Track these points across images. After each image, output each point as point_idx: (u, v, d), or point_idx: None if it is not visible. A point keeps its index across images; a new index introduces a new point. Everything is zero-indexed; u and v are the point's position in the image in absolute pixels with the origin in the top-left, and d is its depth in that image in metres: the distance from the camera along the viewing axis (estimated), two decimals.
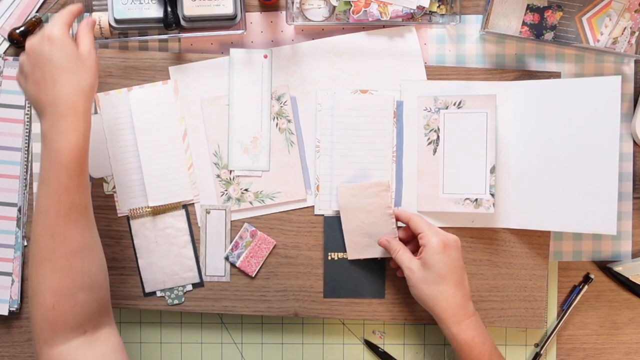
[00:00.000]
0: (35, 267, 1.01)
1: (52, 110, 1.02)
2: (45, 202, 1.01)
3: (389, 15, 1.22)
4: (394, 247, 1.17)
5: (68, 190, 1.01)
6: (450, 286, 1.11)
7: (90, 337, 1.03)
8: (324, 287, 1.25)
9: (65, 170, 1.01)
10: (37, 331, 1.01)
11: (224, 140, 1.24)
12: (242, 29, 1.23)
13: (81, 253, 1.02)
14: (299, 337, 1.30)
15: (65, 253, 1.01)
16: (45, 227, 1.01)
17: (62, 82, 1.02)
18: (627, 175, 1.28)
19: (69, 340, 1.01)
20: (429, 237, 1.12)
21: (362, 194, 1.21)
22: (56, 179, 1.01)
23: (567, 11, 1.24)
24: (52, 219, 1.01)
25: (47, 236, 1.01)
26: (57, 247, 1.01)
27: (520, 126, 1.21)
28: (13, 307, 1.26)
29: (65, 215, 1.01)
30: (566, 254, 1.28)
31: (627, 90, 1.27)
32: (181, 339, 1.30)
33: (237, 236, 1.24)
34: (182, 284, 1.25)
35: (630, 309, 1.30)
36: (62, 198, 1.01)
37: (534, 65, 1.27)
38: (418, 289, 1.13)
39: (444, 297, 1.11)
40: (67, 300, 1.00)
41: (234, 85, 1.23)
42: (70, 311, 1.01)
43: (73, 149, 1.01)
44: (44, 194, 1.02)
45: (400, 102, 1.23)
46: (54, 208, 1.01)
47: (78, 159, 1.02)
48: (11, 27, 1.24)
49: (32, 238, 1.03)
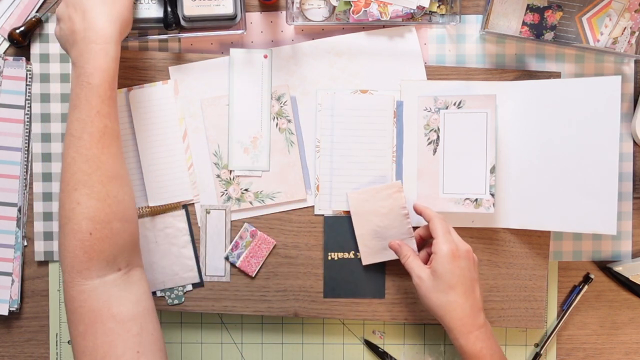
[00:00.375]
0: (69, 192, 1.00)
1: (83, 37, 1.04)
2: (77, 126, 1.02)
3: (389, 15, 1.22)
4: (404, 252, 1.16)
5: (100, 113, 1.02)
6: (459, 296, 1.09)
7: (124, 277, 1.02)
8: (324, 287, 1.25)
9: (97, 94, 1.02)
10: (69, 260, 0.99)
11: (224, 140, 1.24)
12: (242, 29, 1.23)
13: (115, 180, 1.02)
14: (299, 337, 1.30)
15: (100, 178, 1.01)
16: (79, 152, 1.01)
17: (94, 12, 1.05)
18: (627, 175, 1.28)
19: (105, 274, 1.00)
20: (440, 245, 1.10)
21: (374, 197, 1.22)
22: (88, 103, 1.02)
23: (567, 11, 1.24)
24: (85, 142, 1.01)
25: (82, 160, 1.01)
26: (92, 171, 1.00)
27: (520, 126, 1.21)
28: (13, 307, 1.26)
29: (98, 139, 1.01)
30: (566, 254, 1.28)
31: (627, 90, 1.27)
32: (181, 339, 1.30)
33: (237, 236, 1.24)
34: (182, 284, 1.25)
35: (630, 309, 1.30)
36: (94, 121, 1.02)
37: (534, 65, 1.27)
38: (427, 298, 1.11)
39: (453, 308, 1.09)
40: (103, 228, 0.99)
41: (234, 85, 1.23)
42: (107, 239, 1.00)
43: (104, 72, 1.03)
44: (75, 118, 1.02)
45: (400, 102, 1.23)
46: (87, 132, 1.01)
47: (109, 82, 1.04)
48: (11, 27, 1.24)
49: (64, 164, 1.02)
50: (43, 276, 1.28)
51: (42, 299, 1.28)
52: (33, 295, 1.28)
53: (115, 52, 1.05)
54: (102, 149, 1.02)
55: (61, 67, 1.25)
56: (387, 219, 1.21)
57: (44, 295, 1.28)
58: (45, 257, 1.27)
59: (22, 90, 1.24)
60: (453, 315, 1.09)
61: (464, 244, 1.12)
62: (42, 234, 1.26)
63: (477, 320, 1.10)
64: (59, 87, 1.26)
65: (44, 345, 1.29)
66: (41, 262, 1.28)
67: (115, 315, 0.98)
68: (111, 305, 0.98)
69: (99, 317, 0.97)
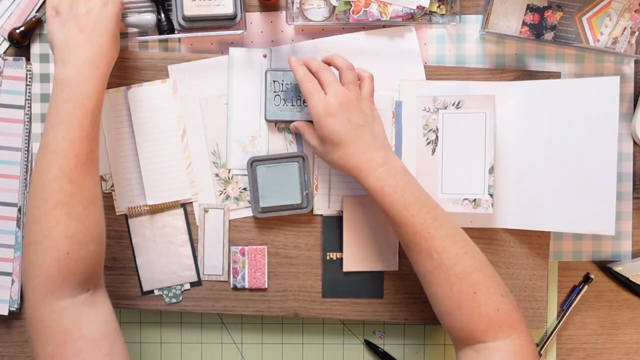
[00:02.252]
0: (48, 210, 0.99)
1: (88, 58, 1.06)
2: (64, 145, 1.01)
3: (389, 15, 1.22)
4: (303, 129, 1.18)
5: (89, 137, 1.03)
6: (346, 149, 1.09)
7: (92, 296, 1.02)
8: (322, 287, 1.25)
9: (91, 117, 1.03)
10: (42, 279, 0.98)
11: (223, 139, 1.24)
12: (242, 29, 1.23)
13: (94, 202, 1.03)
14: (299, 337, 1.30)
15: (82, 200, 1.01)
16: (63, 171, 1.00)
17: (106, 36, 1.08)
18: (627, 175, 1.27)
19: (76, 294, 0.99)
20: (312, 109, 1.10)
21: (369, 207, 1.22)
22: (79, 124, 1.02)
23: (567, 11, 1.24)
24: (71, 163, 1.01)
25: (65, 180, 1.00)
26: (74, 192, 1.00)
27: (519, 126, 1.21)
28: (13, 307, 1.26)
29: (84, 162, 1.02)
30: (566, 254, 1.28)
31: (627, 90, 1.27)
32: (181, 339, 1.30)
33: (232, 263, 1.24)
34: (179, 283, 1.25)
35: (630, 309, 1.30)
36: (83, 144, 1.02)
37: (534, 65, 1.27)
38: (326, 162, 1.13)
39: (346, 160, 1.09)
40: (80, 248, 0.99)
41: (233, 84, 1.24)
42: (83, 260, 0.99)
43: (101, 96, 1.05)
44: (62, 137, 1.02)
45: (399, 102, 1.23)
46: (74, 153, 1.01)
47: (101, 107, 1.06)
48: (11, 27, 1.24)
49: (43, 180, 1.01)
50: None
51: None
52: None
53: (106, 77, 1.10)
54: (87, 171, 1.02)
55: None
56: (376, 232, 1.21)
57: None
58: None
59: (22, 90, 1.24)
60: (350, 166, 1.09)
61: (340, 93, 1.10)
62: None
63: (372, 163, 1.08)
64: None
65: None
66: None
67: (86, 335, 0.97)
68: (81, 324, 0.98)
69: (69, 337, 0.96)
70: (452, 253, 1.03)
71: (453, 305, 1.03)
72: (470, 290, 1.02)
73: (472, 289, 1.02)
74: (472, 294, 1.02)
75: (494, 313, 1.01)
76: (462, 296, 1.02)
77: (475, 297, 1.01)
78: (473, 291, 1.02)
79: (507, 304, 1.02)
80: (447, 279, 1.03)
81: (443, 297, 1.03)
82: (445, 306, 1.04)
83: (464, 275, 1.03)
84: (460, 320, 1.02)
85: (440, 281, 1.03)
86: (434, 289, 1.05)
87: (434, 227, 1.05)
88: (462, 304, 1.02)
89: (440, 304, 1.05)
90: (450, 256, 1.03)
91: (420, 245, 1.05)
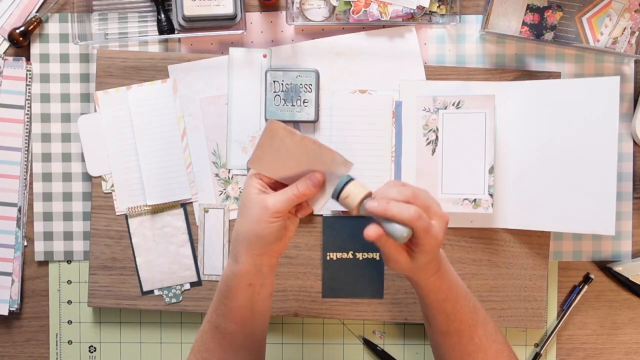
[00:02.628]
0: None
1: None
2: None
3: (389, 15, 1.22)
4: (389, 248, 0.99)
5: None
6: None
7: None
8: (323, 287, 1.25)
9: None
10: None
11: (223, 139, 1.24)
12: (242, 29, 1.23)
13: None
14: (299, 337, 1.30)
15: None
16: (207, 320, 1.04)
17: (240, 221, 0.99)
18: (627, 175, 1.27)
19: None
20: (437, 236, 0.98)
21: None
22: None
23: (567, 11, 1.24)
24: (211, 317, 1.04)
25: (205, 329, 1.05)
26: None
27: (519, 126, 1.21)
28: (13, 307, 1.26)
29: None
30: (566, 254, 1.28)
31: (627, 90, 1.27)
32: (181, 339, 1.30)
33: None
34: (180, 283, 1.25)
35: (630, 309, 1.30)
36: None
37: (534, 65, 1.27)
38: (405, 271, 1.01)
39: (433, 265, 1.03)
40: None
41: (233, 84, 1.24)
42: None
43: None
44: None
45: (399, 102, 1.23)
46: None
47: None
48: (11, 27, 1.24)
49: None
50: (43, 276, 1.28)
51: (42, 299, 1.29)
52: (33, 295, 1.28)
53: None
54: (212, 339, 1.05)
55: (61, 67, 1.26)
56: None
57: (44, 295, 1.28)
58: (45, 257, 1.27)
59: (22, 90, 1.24)
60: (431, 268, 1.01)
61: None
62: (42, 234, 1.27)
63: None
64: (59, 87, 1.26)
65: (44, 345, 1.29)
66: (41, 262, 1.28)
67: None
68: None
69: None
70: (490, 335, 1.06)
71: None
72: None
73: None
74: None
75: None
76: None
77: None
78: None
79: None
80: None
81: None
82: None
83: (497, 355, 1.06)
84: None
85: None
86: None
87: (475, 314, 1.05)
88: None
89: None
90: (489, 339, 1.05)
91: (462, 332, 1.04)
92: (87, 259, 1.27)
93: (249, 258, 0.96)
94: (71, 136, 1.27)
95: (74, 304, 1.29)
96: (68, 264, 1.28)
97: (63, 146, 1.27)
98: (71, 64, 1.26)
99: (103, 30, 1.26)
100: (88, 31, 1.25)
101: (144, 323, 1.30)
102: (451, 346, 1.05)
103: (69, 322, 1.29)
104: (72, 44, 1.25)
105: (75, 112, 1.26)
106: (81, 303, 1.29)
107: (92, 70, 1.26)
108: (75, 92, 1.26)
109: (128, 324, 1.30)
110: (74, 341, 1.29)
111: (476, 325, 1.04)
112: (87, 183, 1.26)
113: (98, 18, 1.26)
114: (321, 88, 1.24)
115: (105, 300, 1.25)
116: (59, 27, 1.26)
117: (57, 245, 1.27)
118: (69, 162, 1.27)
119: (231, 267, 0.98)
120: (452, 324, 1.03)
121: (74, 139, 1.26)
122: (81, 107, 1.26)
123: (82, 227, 1.27)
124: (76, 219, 1.27)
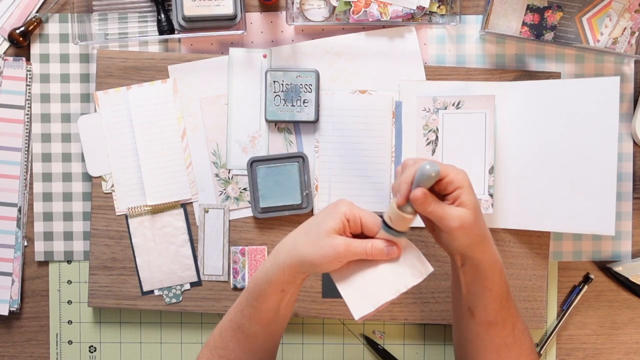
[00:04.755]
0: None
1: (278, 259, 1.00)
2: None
3: (389, 16, 1.22)
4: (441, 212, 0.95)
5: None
6: None
7: None
8: (322, 287, 1.25)
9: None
10: None
11: (223, 140, 1.24)
12: (242, 29, 1.23)
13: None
14: (299, 337, 1.30)
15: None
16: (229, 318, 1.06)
17: (297, 243, 0.98)
18: (627, 175, 1.27)
19: None
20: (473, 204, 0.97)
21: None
22: None
23: (567, 11, 1.24)
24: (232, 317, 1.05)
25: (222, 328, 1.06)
26: None
27: (519, 126, 1.21)
28: (13, 307, 1.26)
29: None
30: (566, 254, 1.28)
31: (627, 90, 1.27)
32: (181, 339, 1.30)
33: (232, 263, 1.24)
34: (180, 283, 1.25)
35: (630, 309, 1.30)
36: None
37: (534, 66, 1.27)
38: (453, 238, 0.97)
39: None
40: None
41: (233, 84, 1.24)
42: None
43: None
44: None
45: (399, 102, 1.23)
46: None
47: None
48: (11, 27, 1.24)
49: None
50: (43, 276, 1.28)
51: (42, 299, 1.29)
52: (33, 295, 1.28)
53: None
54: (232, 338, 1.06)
55: (61, 67, 1.26)
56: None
57: (44, 295, 1.28)
58: (45, 257, 1.27)
59: (22, 91, 1.24)
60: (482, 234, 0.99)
61: None
62: (42, 234, 1.27)
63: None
64: (59, 87, 1.26)
65: (44, 345, 1.29)
66: (41, 262, 1.28)
67: None
68: None
69: None
70: (525, 329, 1.06)
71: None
72: None
73: None
74: None
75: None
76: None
77: None
78: None
79: None
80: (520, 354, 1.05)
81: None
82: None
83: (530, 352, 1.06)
84: None
85: (512, 355, 1.04)
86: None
87: (516, 304, 1.05)
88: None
89: None
90: (525, 332, 1.06)
91: (506, 321, 1.03)
92: (87, 259, 1.27)
93: (292, 272, 0.97)
94: (71, 136, 1.27)
95: (74, 304, 1.29)
96: (68, 264, 1.28)
97: (63, 146, 1.27)
98: (71, 64, 1.26)
99: (103, 31, 1.26)
100: (88, 31, 1.25)
101: (144, 323, 1.30)
102: (491, 338, 1.03)
103: (69, 322, 1.29)
104: (72, 44, 1.25)
105: (75, 112, 1.26)
106: (81, 303, 1.29)
107: (92, 71, 1.26)
108: (75, 92, 1.26)
109: (128, 324, 1.30)
110: (74, 341, 1.29)
111: (519, 316, 1.04)
112: (87, 183, 1.26)
113: (98, 18, 1.26)
114: (321, 88, 1.24)
115: (105, 300, 1.25)
116: (59, 27, 1.26)
117: (57, 246, 1.27)
118: (69, 162, 1.27)
119: (269, 272, 0.98)
120: (500, 312, 1.01)
121: (74, 139, 1.27)
122: (81, 107, 1.27)
123: (82, 227, 1.27)
124: (76, 219, 1.27)
